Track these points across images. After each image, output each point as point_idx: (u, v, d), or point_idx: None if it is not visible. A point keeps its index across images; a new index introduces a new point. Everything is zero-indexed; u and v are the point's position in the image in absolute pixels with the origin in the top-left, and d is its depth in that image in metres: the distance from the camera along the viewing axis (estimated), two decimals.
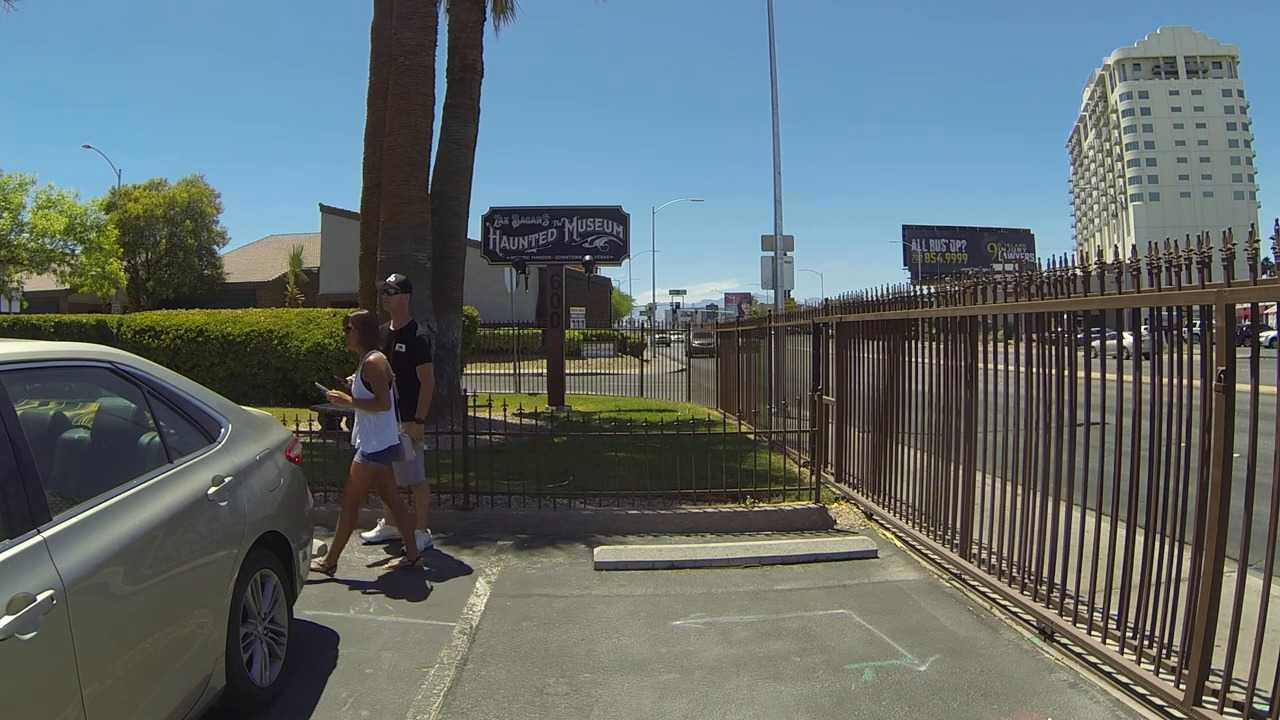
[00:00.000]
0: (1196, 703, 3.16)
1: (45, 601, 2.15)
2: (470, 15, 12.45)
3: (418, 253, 10.89)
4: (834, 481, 7.49)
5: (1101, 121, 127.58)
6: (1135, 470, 3.64)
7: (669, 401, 17.37)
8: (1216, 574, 3.14)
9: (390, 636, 4.29)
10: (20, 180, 27.30)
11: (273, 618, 3.65)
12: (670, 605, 4.75)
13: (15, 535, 2.21)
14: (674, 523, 6.30)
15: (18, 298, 30.28)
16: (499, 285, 20.25)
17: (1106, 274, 3.80)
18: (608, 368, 23.99)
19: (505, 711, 3.49)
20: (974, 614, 4.56)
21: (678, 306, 67.01)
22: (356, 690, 3.65)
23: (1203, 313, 3.26)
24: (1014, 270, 4.76)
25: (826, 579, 5.18)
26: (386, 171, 11.00)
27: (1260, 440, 3.04)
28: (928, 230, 61.77)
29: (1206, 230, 3.29)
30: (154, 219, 36.19)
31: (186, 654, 2.84)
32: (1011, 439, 4.60)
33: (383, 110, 11.24)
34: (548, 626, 4.45)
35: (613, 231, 15.20)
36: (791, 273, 15.60)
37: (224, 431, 3.63)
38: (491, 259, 15.47)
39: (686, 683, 3.74)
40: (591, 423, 11.55)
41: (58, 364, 2.97)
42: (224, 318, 15.33)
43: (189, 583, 2.93)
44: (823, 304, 8.20)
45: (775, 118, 15.35)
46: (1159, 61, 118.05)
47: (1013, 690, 3.61)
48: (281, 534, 3.77)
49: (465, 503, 6.58)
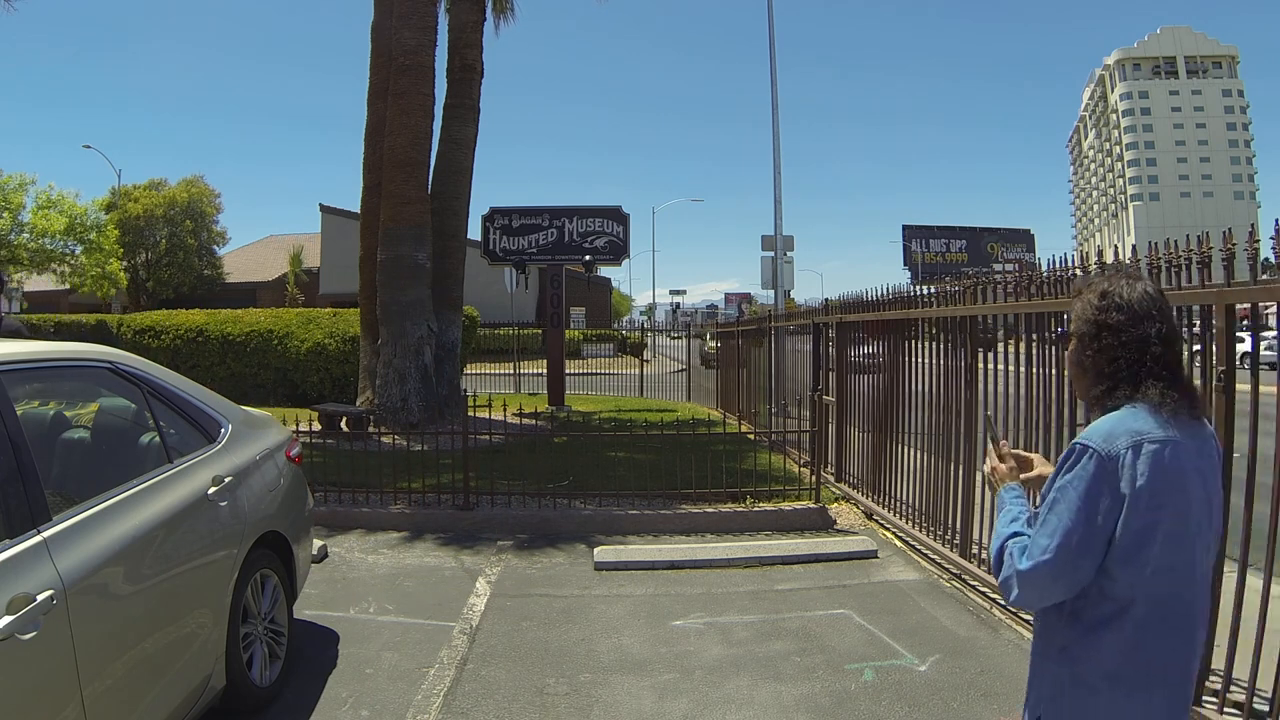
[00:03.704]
0: (1196, 703, 3.15)
1: (45, 601, 2.14)
2: (470, 15, 12.45)
3: (418, 253, 10.90)
4: (834, 481, 7.49)
5: (1101, 121, 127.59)
6: None
7: (669, 401, 17.37)
8: (1216, 574, 3.14)
9: (390, 636, 4.29)
10: (20, 180, 27.32)
11: (273, 618, 3.65)
12: (670, 605, 4.75)
13: (15, 535, 2.21)
14: (674, 523, 6.30)
15: (18, 298, 30.30)
16: (499, 285, 20.25)
17: (1107, 274, 3.79)
18: (608, 368, 24.00)
19: (505, 711, 3.49)
20: (974, 614, 4.56)
21: (678, 306, 66.93)
22: (356, 690, 3.66)
23: (1203, 313, 3.26)
24: (1014, 270, 4.76)
25: (826, 579, 5.18)
26: (386, 171, 11.01)
27: (1260, 440, 3.04)
28: (928, 230, 61.76)
29: (1206, 230, 3.29)
30: (154, 219, 36.17)
31: (186, 654, 2.84)
32: (1012, 439, 4.60)
33: (383, 110, 11.25)
34: (548, 626, 4.45)
35: (613, 231, 15.20)
36: (791, 273, 15.60)
37: (224, 431, 3.63)
38: (491, 259, 15.46)
39: (686, 683, 3.74)
40: (591, 423, 11.55)
41: (58, 364, 2.96)
42: (224, 318, 15.33)
43: (189, 583, 2.93)
44: (823, 304, 8.19)
45: (775, 118, 15.35)
46: (1159, 61, 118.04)
47: (1013, 690, 3.60)
48: (282, 534, 3.77)
49: (465, 503, 6.57)
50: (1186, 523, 1.66)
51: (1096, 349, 1.77)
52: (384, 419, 10.23)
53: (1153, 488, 1.62)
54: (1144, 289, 1.77)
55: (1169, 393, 1.69)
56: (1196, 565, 1.69)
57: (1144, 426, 1.66)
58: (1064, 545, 1.63)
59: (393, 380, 10.63)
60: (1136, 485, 1.62)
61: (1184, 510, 1.66)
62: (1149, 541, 1.63)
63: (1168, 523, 1.63)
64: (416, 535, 6.24)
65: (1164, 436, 1.65)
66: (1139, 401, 1.70)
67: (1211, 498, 1.72)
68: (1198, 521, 1.69)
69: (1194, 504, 1.68)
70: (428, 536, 6.20)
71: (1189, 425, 1.70)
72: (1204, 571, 1.72)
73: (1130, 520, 1.62)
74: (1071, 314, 1.89)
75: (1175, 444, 1.66)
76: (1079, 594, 1.69)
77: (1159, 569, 1.64)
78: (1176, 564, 1.65)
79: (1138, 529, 1.62)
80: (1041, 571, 1.65)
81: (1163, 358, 1.72)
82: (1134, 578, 1.63)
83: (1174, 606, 1.66)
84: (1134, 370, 1.72)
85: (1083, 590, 1.68)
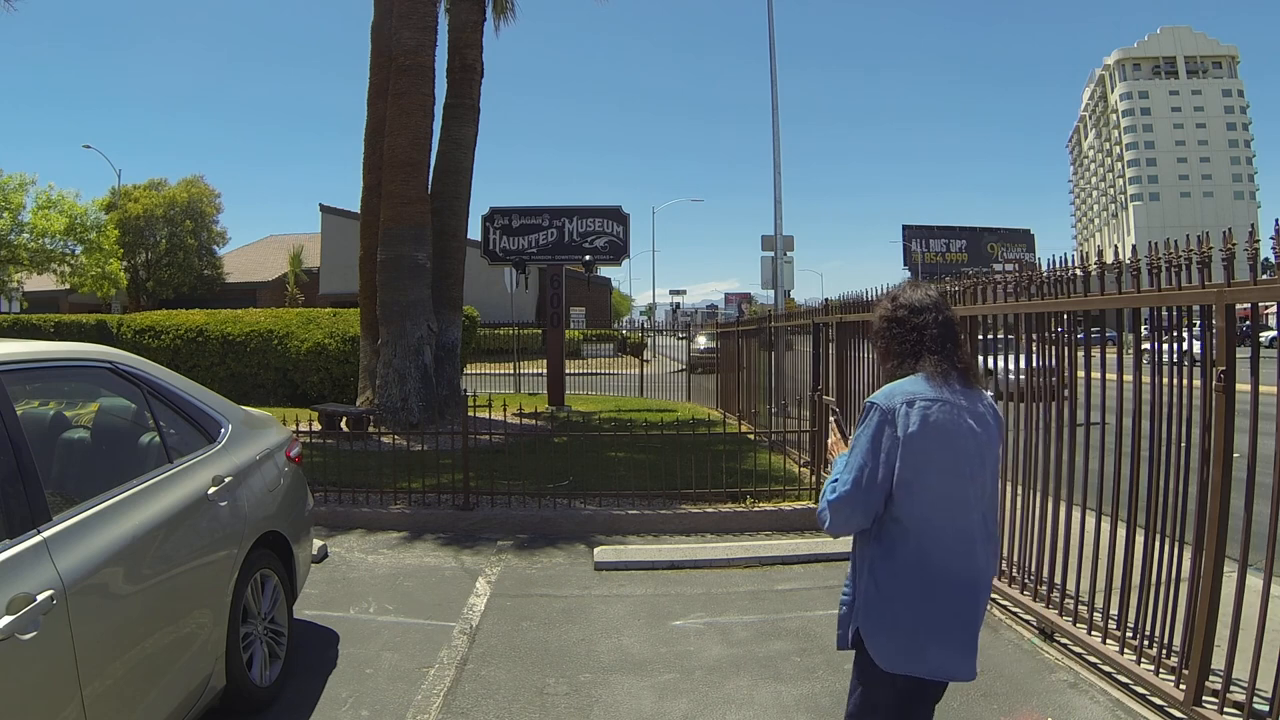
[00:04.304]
0: (1196, 703, 3.16)
1: (45, 601, 2.14)
2: (470, 15, 12.45)
3: (418, 253, 10.89)
4: None
5: (1101, 121, 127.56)
6: (1135, 470, 3.64)
7: (669, 401, 17.36)
8: (1216, 574, 3.15)
9: (390, 636, 4.29)
10: (20, 180, 27.28)
11: (273, 618, 3.65)
12: (670, 605, 4.75)
13: (15, 535, 2.21)
14: (674, 523, 6.30)
15: (18, 298, 30.28)
16: (499, 285, 20.26)
17: (1106, 274, 3.80)
18: (608, 368, 23.99)
19: (505, 711, 3.49)
20: None
21: (678, 306, 66.92)
22: (356, 690, 3.66)
23: (1203, 313, 3.26)
24: (1014, 270, 4.75)
25: (827, 579, 5.18)
26: (386, 171, 11.00)
27: (1260, 440, 3.04)
28: (928, 230, 61.65)
29: (1206, 230, 3.29)
30: (154, 219, 36.13)
31: (186, 654, 2.84)
32: (1012, 439, 4.60)
33: (383, 110, 11.24)
34: (548, 626, 4.45)
35: (613, 231, 15.19)
36: (791, 273, 15.60)
37: (224, 431, 3.63)
38: (491, 259, 15.46)
39: (687, 683, 3.74)
40: (591, 423, 11.55)
41: (58, 364, 2.96)
42: (224, 318, 15.32)
43: (189, 583, 2.93)
44: (822, 304, 8.19)
45: (775, 118, 15.35)
46: (1159, 61, 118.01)
47: (1013, 690, 3.61)
48: (282, 534, 3.77)
49: (465, 503, 6.57)
50: (958, 465, 2.14)
51: (890, 335, 2.32)
52: (384, 419, 10.23)
53: (923, 433, 2.09)
54: (923, 293, 2.32)
55: (941, 364, 2.19)
56: (969, 499, 2.16)
57: (918, 389, 2.16)
58: (858, 479, 2.12)
59: (393, 380, 10.63)
60: (909, 431, 2.09)
61: (954, 455, 2.13)
62: (923, 476, 2.09)
63: (939, 463, 2.11)
64: (416, 535, 6.24)
65: (934, 396, 2.15)
66: (919, 371, 2.22)
67: (984, 448, 2.19)
68: (970, 465, 2.15)
69: (965, 451, 2.15)
70: (428, 536, 6.20)
71: (964, 391, 2.20)
72: (978, 505, 2.18)
73: (906, 458, 2.09)
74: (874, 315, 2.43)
75: (945, 403, 2.14)
76: (878, 521, 2.16)
77: (935, 500, 2.11)
78: (951, 496, 2.13)
79: (913, 465, 2.09)
80: (843, 500, 2.13)
81: (936, 339, 2.23)
82: (913, 506, 2.10)
83: (950, 530, 2.13)
84: (915, 349, 2.24)
85: (880, 518, 2.16)
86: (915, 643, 2.11)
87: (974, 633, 2.17)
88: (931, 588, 2.10)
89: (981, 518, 2.19)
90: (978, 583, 2.17)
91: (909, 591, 2.11)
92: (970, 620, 2.16)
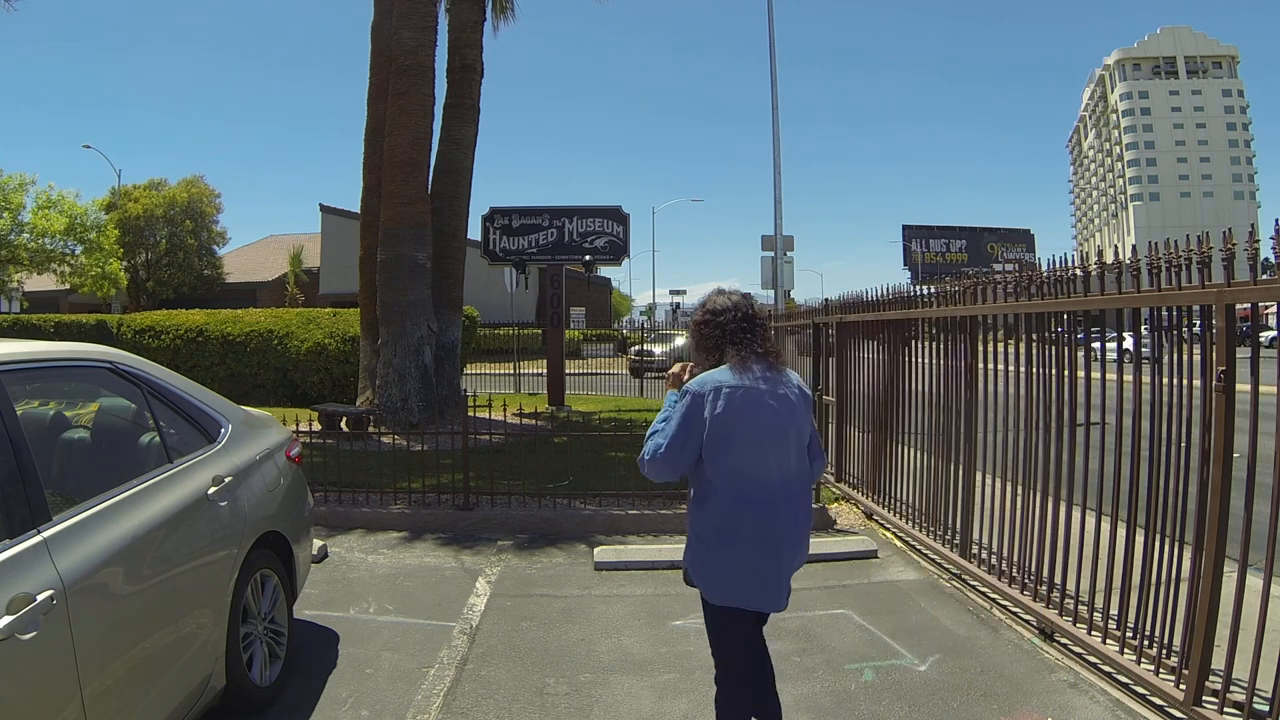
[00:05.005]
0: (1196, 703, 3.16)
1: (45, 601, 2.14)
2: (470, 15, 12.46)
3: (418, 253, 10.90)
4: (834, 481, 7.49)
5: (1101, 121, 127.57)
6: (1135, 470, 3.64)
7: None
8: (1216, 574, 3.14)
9: (390, 636, 4.29)
10: (20, 180, 27.29)
11: (273, 618, 3.65)
12: (670, 605, 4.75)
13: (15, 535, 2.21)
14: (674, 523, 6.29)
15: (18, 298, 30.28)
16: (499, 285, 20.25)
17: (1106, 274, 3.80)
18: (608, 368, 23.97)
19: (505, 711, 3.49)
20: (974, 614, 4.56)
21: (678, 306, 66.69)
22: (356, 690, 3.66)
23: (1203, 313, 3.26)
24: (1014, 270, 4.75)
25: (826, 579, 5.18)
26: (386, 171, 11.01)
27: (1260, 440, 3.04)
28: (928, 230, 61.63)
29: (1206, 230, 3.29)
30: (154, 219, 36.12)
31: (186, 654, 2.84)
32: (1011, 439, 4.60)
33: (383, 110, 11.25)
34: (548, 626, 4.45)
35: (613, 231, 15.19)
36: (791, 272, 15.61)
37: (224, 431, 3.63)
38: (491, 259, 15.46)
39: (686, 683, 3.74)
40: (591, 423, 11.55)
41: (58, 364, 2.96)
42: (224, 318, 15.33)
43: (189, 583, 2.93)
44: (823, 304, 8.19)
45: (775, 118, 15.36)
46: (1159, 61, 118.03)
47: (1013, 690, 3.61)
48: (282, 534, 3.77)
49: (465, 503, 6.57)
50: (759, 437, 2.58)
51: (701, 335, 2.77)
52: (384, 419, 10.23)
53: (726, 414, 2.55)
54: (725, 299, 2.78)
55: (740, 353, 2.65)
56: (771, 465, 2.59)
57: (724, 378, 2.61)
58: (670, 445, 2.59)
59: (393, 380, 10.63)
60: (716, 413, 2.55)
61: (755, 429, 2.57)
62: (726, 447, 2.55)
63: (742, 436, 2.55)
64: (416, 535, 6.24)
65: (736, 383, 2.59)
66: (724, 362, 2.67)
67: (786, 423, 2.63)
68: (771, 438, 2.60)
69: (766, 426, 2.59)
70: (428, 536, 6.20)
71: (767, 376, 2.64)
72: (780, 470, 2.61)
73: (711, 433, 2.55)
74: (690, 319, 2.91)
75: (747, 389, 2.59)
76: (696, 481, 2.66)
77: (738, 466, 2.56)
78: (753, 462, 2.57)
79: (716, 438, 2.55)
80: (659, 459, 2.61)
81: (734, 334, 2.68)
82: (717, 470, 2.57)
83: (752, 490, 2.57)
84: (719, 343, 2.71)
85: (696, 479, 2.66)
86: (723, 578, 2.60)
87: (776, 574, 2.61)
88: (732, 534, 2.57)
89: (782, 481, 2.61)
90: (779, 534, 2.59)
91: (716, 537, 2.59)
92: (768, 565, 2.59)
